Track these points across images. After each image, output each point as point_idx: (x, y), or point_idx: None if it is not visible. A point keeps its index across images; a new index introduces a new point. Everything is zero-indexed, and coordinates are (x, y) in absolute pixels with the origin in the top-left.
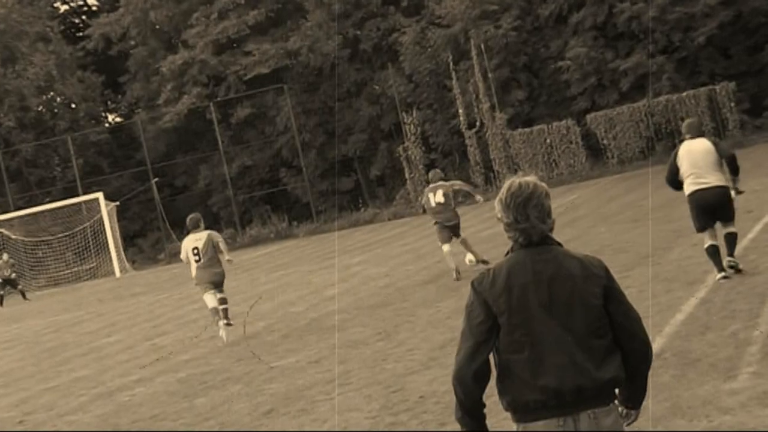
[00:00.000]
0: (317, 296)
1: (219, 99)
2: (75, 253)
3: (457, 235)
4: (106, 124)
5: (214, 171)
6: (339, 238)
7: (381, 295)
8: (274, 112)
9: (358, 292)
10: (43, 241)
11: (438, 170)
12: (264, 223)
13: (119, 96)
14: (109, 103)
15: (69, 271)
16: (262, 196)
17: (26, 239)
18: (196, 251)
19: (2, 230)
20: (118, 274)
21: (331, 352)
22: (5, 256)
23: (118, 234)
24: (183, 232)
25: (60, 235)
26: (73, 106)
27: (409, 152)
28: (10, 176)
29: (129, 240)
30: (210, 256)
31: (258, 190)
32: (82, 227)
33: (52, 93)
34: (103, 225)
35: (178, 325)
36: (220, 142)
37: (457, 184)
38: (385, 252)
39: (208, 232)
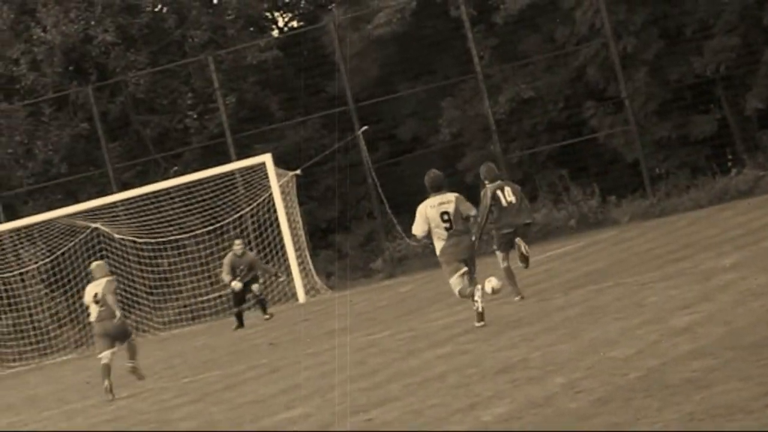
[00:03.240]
0: (657, 328)
1: None
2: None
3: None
4: (274, 32)
5: (466, 110)
6: (693, 223)
7: None
8: (571, 1)
9: (732, 318)
10: (169, 243)
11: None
12: (557, 200)
13: None
14: None
15: (218, 294)
16: (553, 152)
17: (140, 240)
18: (446, 216)
19: (99, 225)
20: (302, 297)
21: (686, 429)
22: (238, 243)
23: (300, 226)
24: (410, 218)
25: (198, 231)
26: (214, 2)
27: None
28: (109, 128)
29: (318, 236)
30: (462, 224)
31: (545, 143)
32: (236, 216)
33: None
34: (273, 210)
35: (412, 385)
36: (475, 58)
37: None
38: None
39: (455, 195)
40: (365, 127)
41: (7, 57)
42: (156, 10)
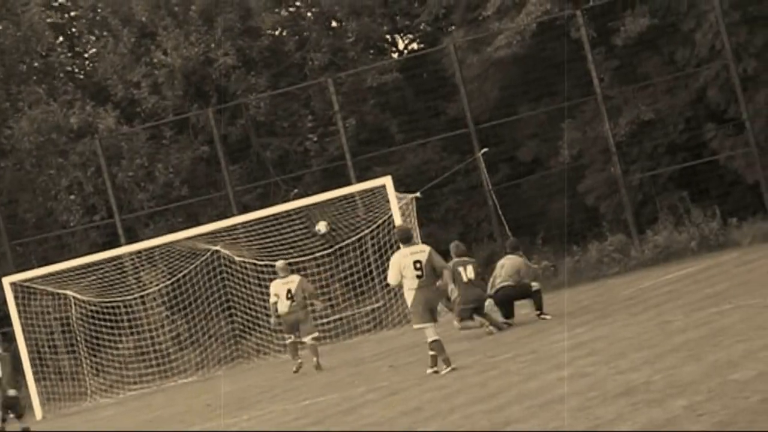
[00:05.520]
0: None
1: (593, 2)
2: (344, 284)
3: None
4: (394, 55)
5: (586, 131)
6: None
7: None
8: (691, 23)
9: None
10: (290, 265)
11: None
12: (678, 222)
13: (414, 4)
14: (398, 19)
15: (338, 316)
16: (673, 174)
17: (261, 263)
18: (418, 265)
19: (220, 248)
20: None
21: None
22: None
23: None
24: (531, 239)
25: (318, 254)
26: (334, 25)
27: None
28: (229, 150)
29: None
30: (432, 274)
31: (666, 165)
32: (356, 238)
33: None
34: (394, 233)
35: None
36: (595, 80)
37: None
38: None
39: (428, 246)
40: (485, 149)
41: (128, 80)
42: (276, 33)
